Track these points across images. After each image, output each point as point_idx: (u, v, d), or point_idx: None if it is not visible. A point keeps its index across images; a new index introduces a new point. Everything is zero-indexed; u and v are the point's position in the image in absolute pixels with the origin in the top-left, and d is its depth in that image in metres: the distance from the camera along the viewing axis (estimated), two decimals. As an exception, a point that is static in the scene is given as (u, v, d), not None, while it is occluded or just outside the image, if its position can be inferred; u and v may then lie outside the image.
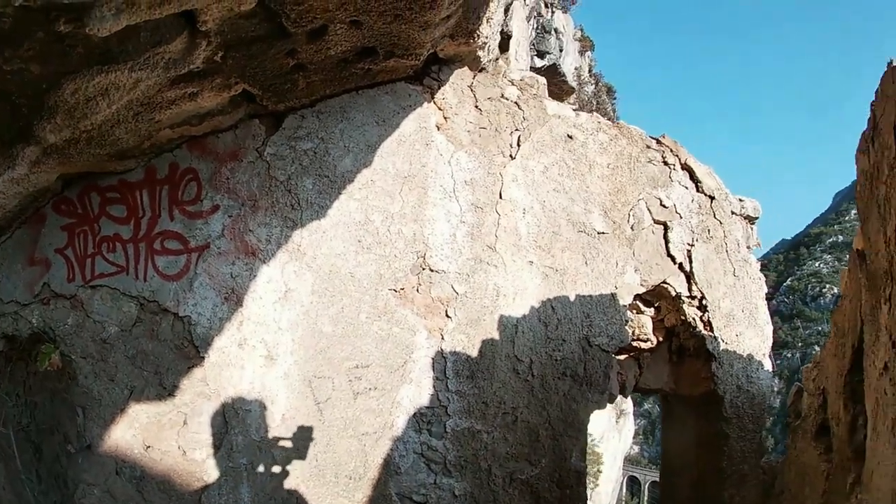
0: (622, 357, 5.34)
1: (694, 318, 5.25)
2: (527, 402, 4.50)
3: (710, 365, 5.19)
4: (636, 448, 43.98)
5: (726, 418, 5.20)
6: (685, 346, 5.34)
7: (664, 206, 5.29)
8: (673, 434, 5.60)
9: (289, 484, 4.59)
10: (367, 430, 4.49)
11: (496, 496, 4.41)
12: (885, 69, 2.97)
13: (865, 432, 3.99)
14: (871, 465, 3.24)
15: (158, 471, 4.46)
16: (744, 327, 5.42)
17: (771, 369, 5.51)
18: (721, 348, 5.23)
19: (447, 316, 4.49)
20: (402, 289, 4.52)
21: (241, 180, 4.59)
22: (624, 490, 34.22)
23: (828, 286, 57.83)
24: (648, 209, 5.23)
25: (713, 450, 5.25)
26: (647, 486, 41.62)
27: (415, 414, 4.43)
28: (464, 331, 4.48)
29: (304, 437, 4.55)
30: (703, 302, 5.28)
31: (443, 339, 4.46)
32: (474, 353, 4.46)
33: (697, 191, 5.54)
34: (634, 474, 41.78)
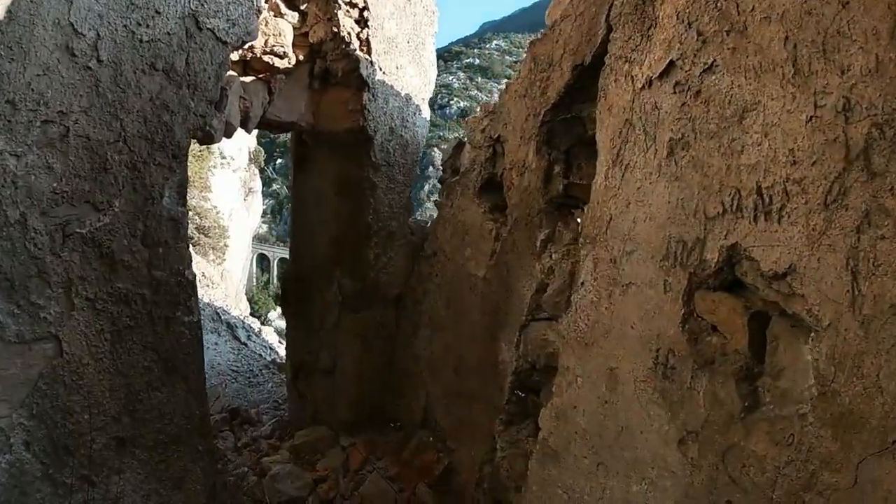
0: (248, 79, 3.54)
1: (350, 33, 3.68)
2: (87, 105, 2.42)
3: (361, 96, 3.79)
4: (265, 227, 43.91)
5: (375, 164, 3.97)
6: (332, 70, 3.79)
7: None
8: (309, 181, 4.19)
9: None
10: None
11: (41, 264, 2.38)
12: None
13: (566, 181, 3.13)
14: (609, 209, 2.30)
15: None
16: (407, 61, 4.08)
17: (428, 118, 4.38)
18: (377, 78, 3.82)
19: None
20: None
21: None
22: (254, 267, 34.08)
23: (455, 99, 62.53)
24: None
25: (358, 202, 4.04)
26: (275, 262, 41.89)
27: None
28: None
29: None
30: (365, 14, 3.73)
31: None
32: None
33: None
34: (263, 252, 41.80)
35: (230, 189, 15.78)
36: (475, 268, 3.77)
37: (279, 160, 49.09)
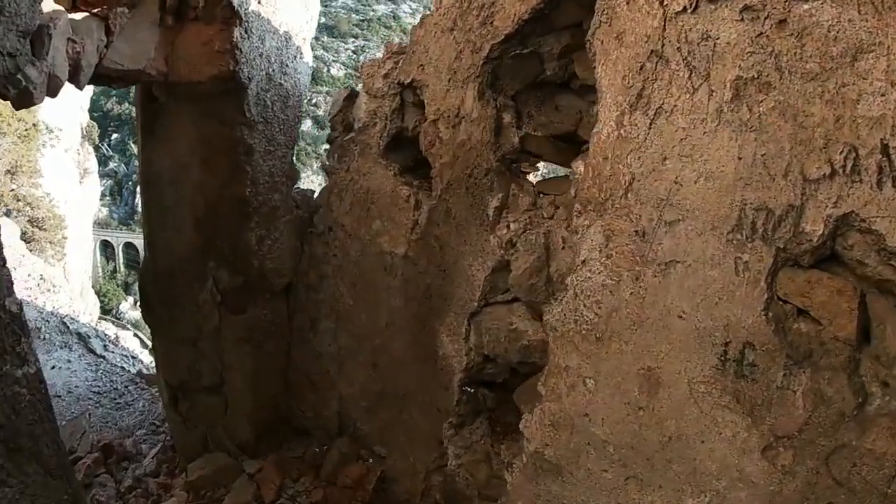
0: (78, 16, 2.47)
1: (211, -55, 2.74)
2: None
3: (231, 32, 2.91)
4: (105, 210, 39.58)
5: (250, 122, 3.13)
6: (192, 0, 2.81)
7: None
8: (162, 150, 3.17)
9: None
10: None
11: None
12: None
13: (522, 133, 2.61)
14: (629, 167, 1.89)
15: None
16: (286, -10, 3.22)
17: (310, 64, 3.58)
18: (251, 8, 2.94)
19: None
20: None
21: None
22: (98, 255, 29.61)
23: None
24: None
25: (230, 171, 3.18)
26: (120, 248, 38.65)
27: None
28: None
29: None
30: (228, -80, 2.80)
31: None
32: None
33: None
34: (106, 238, 37.70)
35: (63, 172, 13.44)
36: (390, 244, 3.17)
37: (115, 135, 44.43)
